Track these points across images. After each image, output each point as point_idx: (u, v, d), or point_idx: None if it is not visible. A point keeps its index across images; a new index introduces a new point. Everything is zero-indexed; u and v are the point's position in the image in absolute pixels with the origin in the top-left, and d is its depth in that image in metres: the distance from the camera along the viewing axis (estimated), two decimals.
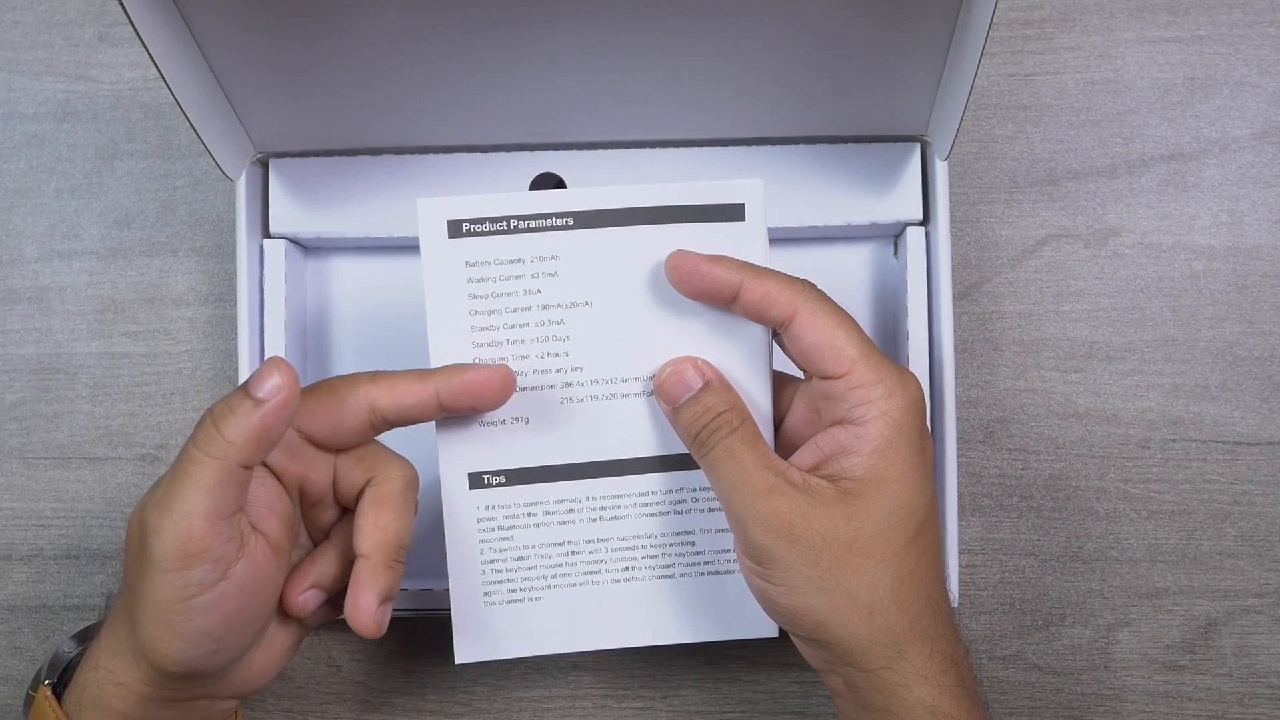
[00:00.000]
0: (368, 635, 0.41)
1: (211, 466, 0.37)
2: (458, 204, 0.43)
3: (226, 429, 0.37)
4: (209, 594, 0.38)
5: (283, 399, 0.38)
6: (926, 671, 0.40)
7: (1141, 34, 0.59)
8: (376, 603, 0.41)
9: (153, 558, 0.37)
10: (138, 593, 0.38)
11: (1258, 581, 0.56)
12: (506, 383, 0.43)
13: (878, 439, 0.40)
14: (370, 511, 0.42)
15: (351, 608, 0.41)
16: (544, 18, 0.45)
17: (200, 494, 0.37)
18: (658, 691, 0.57)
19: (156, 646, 0.38)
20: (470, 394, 0.42)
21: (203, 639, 0.38)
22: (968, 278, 0.58)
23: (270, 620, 0.43)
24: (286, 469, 0.42)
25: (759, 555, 0.40)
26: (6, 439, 0.58)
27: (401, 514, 0.42)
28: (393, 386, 0.41)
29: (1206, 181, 0.58)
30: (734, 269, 0.42)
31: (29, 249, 0.59)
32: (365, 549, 0.41)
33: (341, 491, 0.43)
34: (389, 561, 0.41)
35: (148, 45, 0.42)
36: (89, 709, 0.40)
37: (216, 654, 0.39)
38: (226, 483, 0.38)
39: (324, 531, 0.44)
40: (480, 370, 0.42)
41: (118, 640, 0.40)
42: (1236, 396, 0.57)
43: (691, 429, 0.42)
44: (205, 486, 0.37)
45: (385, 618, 0.41)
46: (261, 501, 0.41)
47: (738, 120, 0.53)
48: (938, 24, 0.46)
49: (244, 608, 0.39)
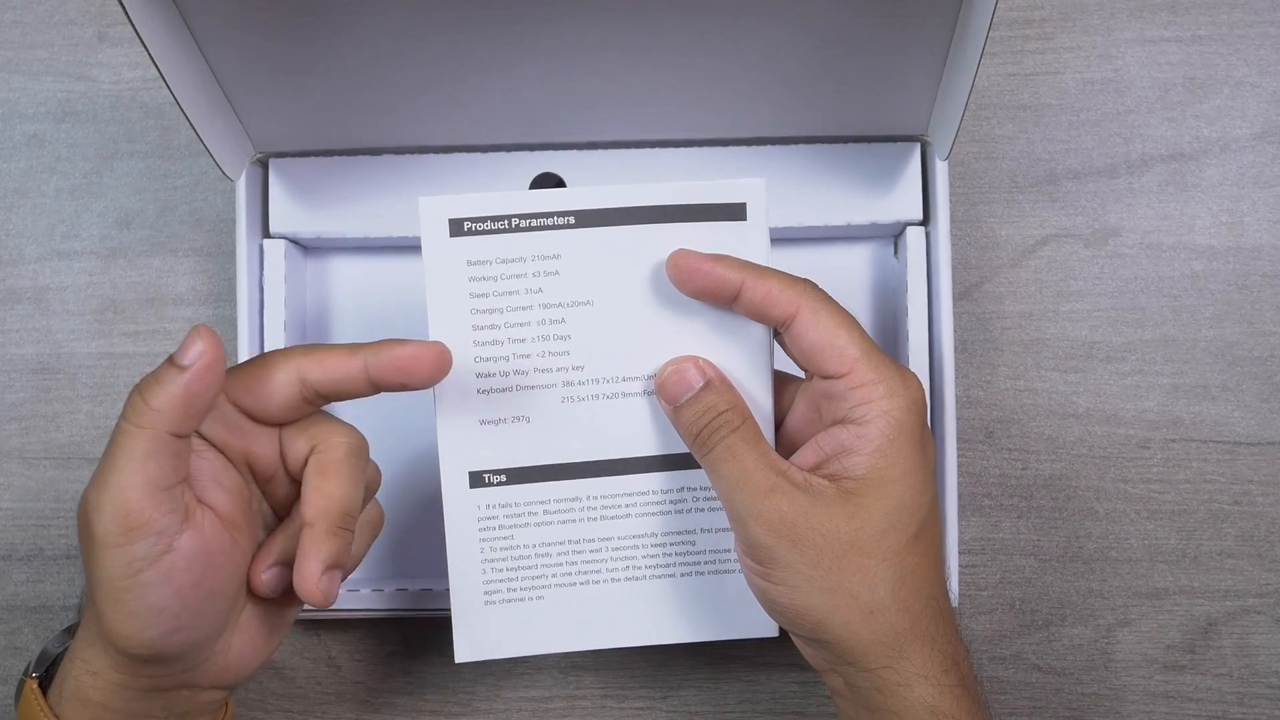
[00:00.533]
0: (315, 604, 0.40)
1: (142, 437, 0.37)
2: (459, 202, 0.43)
3: (153, 398, 0.37)
4: (156, 568, 0.38)
5: (204, 363, 0.37)
6: (927, 671, 0.39)
7: (1141, 34, 0.59)
8: (320, 569, 0.40)
9: (96, 535, 0.37)
10: (91, 576, 0.38)
11: (1258, 581, 0.56)
12: (438, 360, 0.41)
13: (879, 438, 0.40)
14: (314, 479, 0.41)
15: (297, 577, 0.40)
16: (544, 18, 0.45)
17: (133, 465, 0.37)
18: (658, 691, 0.57)
19: (114, 628, 0.38)
20: (398, 369, 0.41)
21: (158, 616, 0.38)
22: (968, 278, 0.58)
23: (237, 602, 0.42)
24: (229, 443, 0.41)
25: (760, 555, 0.40)
26: (6, 439, 0.58)
27: (346, 480, 0.41)
28: (323, 360, 0.41)
29: (1206, 181, 0.58)
30: (735, 268, 0.42)
31: (29, 249, 0.59)
32: (309, 516, 0.40)
33: (289, 464, 0.42)
34: (332, 529, 0.40)
35: (148, 45, 0.42)
36: (69, 701, 0.40)
37: (178, 633, 0.39)
38: (159, 453, 0.37)
39: (287, 508, 0.44)
40: (411, 345, 0.41)
41: (89, 630, 0.40)
42: (1236, 396, 0.57)
43: (692, 428, 0.42)
44: (137, 457, 0.37)
45: (333, 586, 0.40)
46: (206, 474, 0.40)
47: (738, 120, 0.53)
48: (938, 24, 0.46)
49: (198, 582, 0.39)
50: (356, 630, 0.57)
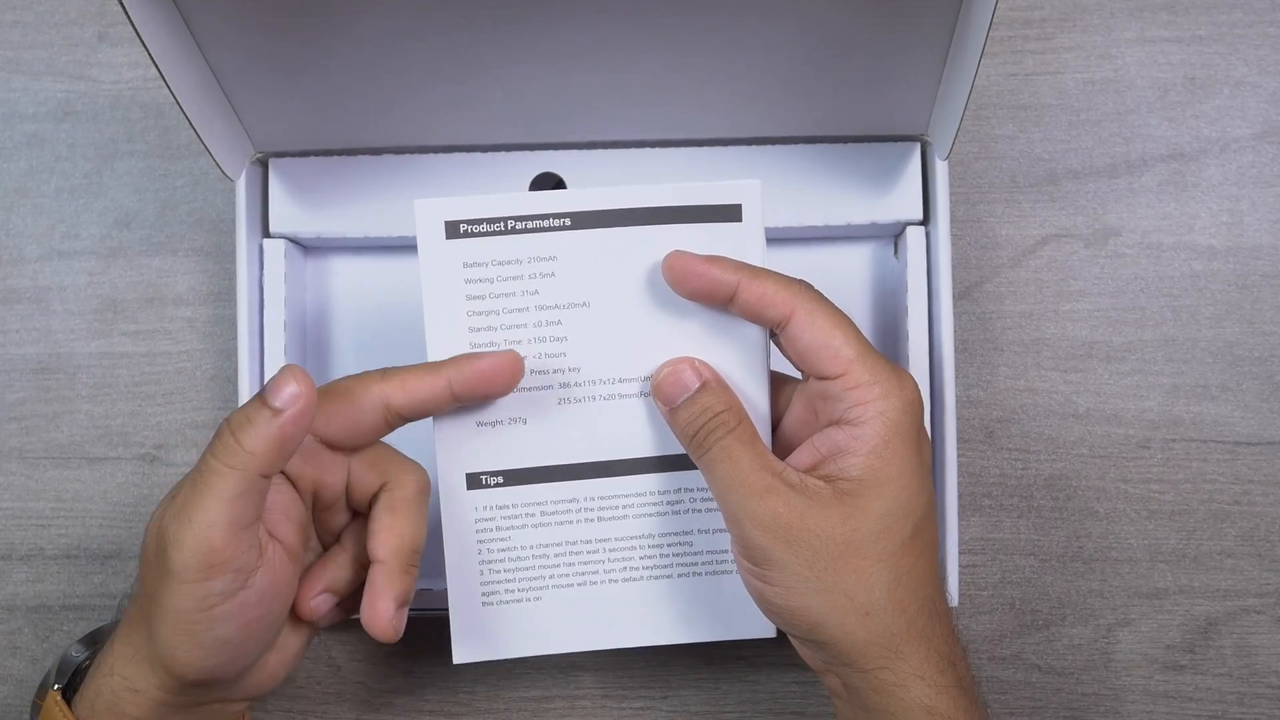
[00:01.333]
0: (385, 640, 0.41)
1: (232, 478, 0.37)
2: (455, 205, 0.43)
3: (246, 440, 0.37)
4: (230, 603, 0.38)
5: (301, 408, 0.38)
6: (923, 672, 0.39)
7: (1141, 34, 0.58)
8: (394, 608, 0.41)
9: (173, 568, 0.37)
10: (156, 603, 0.38)
11: (1258, 581, 0.56)
12: (515, 367, 0.43)
13: (874, 439, 0.40)
14: (385, 517, 0.42)
15: (369, 613, 0.41)
16: (544, 18, 0.45)
17: (221, 505, 0.37)
18: (658, 691, 0.57)
19: (176, 656, 0.38)
20: (483, 381, 0.42)
21: (223, 647, 0.39)
22: (968, 278, 0.58)
23: (284, 624, 0.43)
24: (302, 474, 0.42)
25: (756, 555, 0.40)
26: (6, 439, 0.58)
27: (416, 519, 0.42)
28: (405, 382, 0.42)
29: (1206, 181, 0.58)
30: (731, 269, 0.42)
31: (29, 249, 0.59)
32: (381, 554, 0.41)
33: (355, 496, 0.43)
34: (405, 567, 0.42)
35: (148, 45, 0.42)
36: (102, 715, 0.40)
37: (234, 661, 0.40)
38: (247, 493, 0.38)
39: (333, 535, 0.45)
40: (489, 357, 0.42)
41: (133, 648, 0.40)
42: (1236, 396, 0.57)
43: (689, 429, 0.42)
44: (226, 498, 0.37)
45: (402, 623, 0.42)
46: (278, 509, 0.41)
47: (738, 120, 0.53)
48: (938, 24, 0.46)
49: (263, 615, 0.40)
50: (356, 630, 0.57)
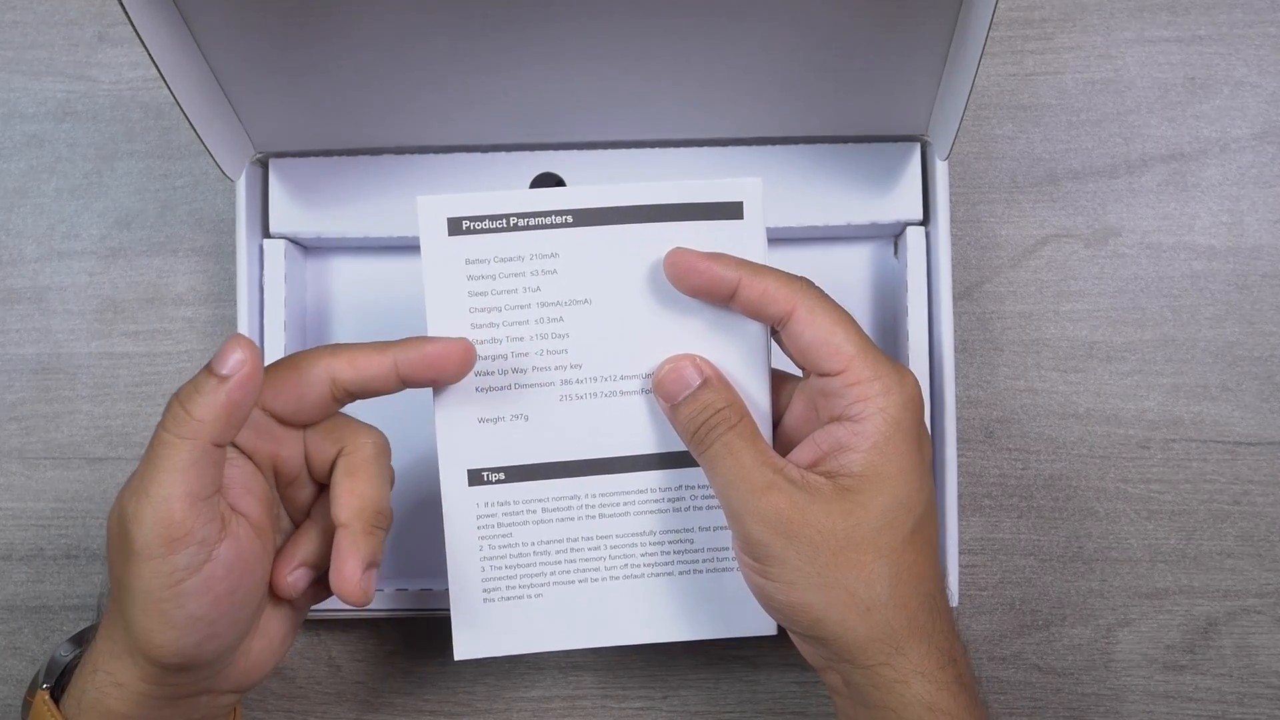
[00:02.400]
0: (355, 603, 0.41)
1: (184, 448, 0.37)
2: (458, 201, 0.43)
3: (194, 409, 0.37)
4: (196, 578, 0.38)
5: (246, 373, 0.38)
6: (924, 668, 0.39)
7: (1141, 34, 0.59)
8: (360, 569, 0.41)
9: (135, 547, 0.37)
10: (126, 588, 0.38)
11: (1258, 581, 0.56)
12: (465, 355, 0.42)
13: (875, 435, 0.40)
14: (344, 480, 0.42)
15: (336, 577, 0.41)
16: (544, 18, 0.45)
17: (176, 477, 0.37)
18: (658, 691, 0.57)
19: (150, 639, 0.38)
20: (429, 365, 0.42)
21: (195, 624, 0.38)
22: (968, 278, 0.58)
23: (262, 607, 0.43)
24: (258, 449, 0.42)
25: (757, 551, 0.40)
26: (6, 439, 0.58)
27: (375, 480, 0.42)
28: (353, 359, 0.41)
29: (1206, 181, 0.58)
30: (732, 266, 0.42)
31: (29, 249, 0.59)
32: (344, 517, 0.41)
33: (315, 466, 0.43)
34: (368, 528, 0.41)
35: (148, 45, 0.42)
36: (88, 712, 0.40)
37: (211, 640, 0.39)
38: (201, 463, 0.38)
39: (303, 512, 0.44)
40: (439, 342, 0.42)
41: (114, 641, 0.40)
42: (1236, 396, 0.57)
43: (690, 426, 0.42)
44: (180, 469, 0.37)
45: (371, 585, 0.41)
46: (238, 483, 0.41)
47: (738, 120, 0.53)
48: (938, 24, 0.46)
49: (233, 590, 0.39)
50: (356, 630, 0.57)
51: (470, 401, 0.44)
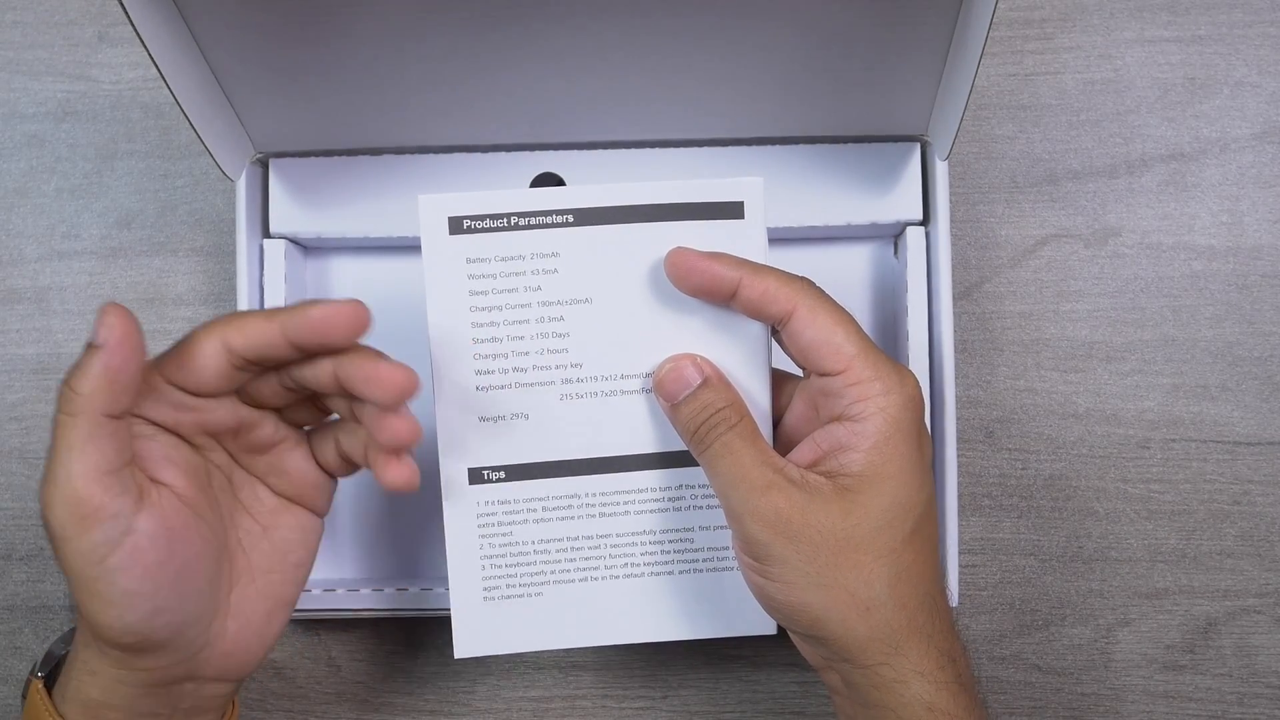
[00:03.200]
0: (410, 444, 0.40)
1: (77, 424, 0.37)
2: (459, 200, 0.43)
3: (78, 384, 0.37)
4: (120, 552, 0.38)
5: (117, 336, 0.37)
6: (923, 668, 0.39)
7: (1141, 34, 0.59)
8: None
9: (54, 531, 0.37)
10: (65, 574, 0.38)
11: (1258, 581, 0.56)
12: (353, 317, 0.40)
13: (875, 435, 0.40)
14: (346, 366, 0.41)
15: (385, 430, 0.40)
16: (544, 18, 0.45)
17: (74, 454, 0.37)
18: (658, 691, 0.57)
19: (95, 619, 0.38)
20: (313, 330, 0.40)
21: (132, 599, 0.38)
22: (968, 278, 0.58)
23: (220, 581, 0.42)
24: (179, 421, 0.41)
25: (756, 551, 0.40)
26: (7, 439, 0.58)
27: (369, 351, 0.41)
28: (242, 326, 0.40)
29: (1206, 181, 0.58)
30: (733, 265, 0.42)
31: (29, 249, 0.59)
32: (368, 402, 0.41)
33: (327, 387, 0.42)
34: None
35: (148, 45, 0.42)
36: (71, 702, 0.41)
37: (159, 616, 0.39)
38: (96, 436, 0.37)
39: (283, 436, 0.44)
40: (325, 305, 0.40)
41: (82, 631, 0.41)
42: (1236, 396, 0.57)
43: (690, 425, 0.42)
44: (78, 446, 0.37)
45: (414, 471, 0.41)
46: (157, 455, 0.40)
47: (738, 120, 0.53)
48: (938, 24, 0.46)
49: (164, 561, 0.39)
50: (356, 630, 0.57)
51: (471, 400, 0.44)
